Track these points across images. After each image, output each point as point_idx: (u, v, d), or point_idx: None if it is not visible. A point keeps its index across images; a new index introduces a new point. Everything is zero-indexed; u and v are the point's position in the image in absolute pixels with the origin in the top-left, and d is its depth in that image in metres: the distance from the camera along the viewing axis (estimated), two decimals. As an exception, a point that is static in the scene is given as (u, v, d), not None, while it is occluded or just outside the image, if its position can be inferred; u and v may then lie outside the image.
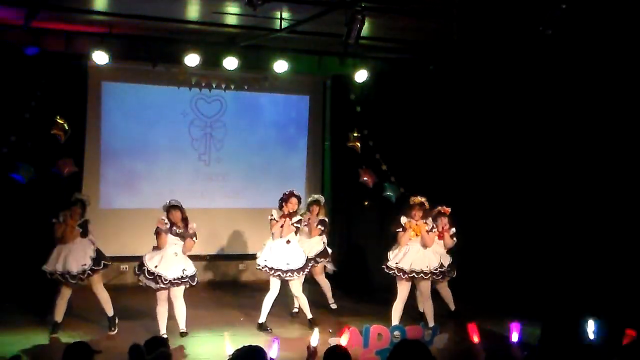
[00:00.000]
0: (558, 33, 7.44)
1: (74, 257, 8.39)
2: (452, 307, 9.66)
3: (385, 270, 8.83)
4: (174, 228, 8.31)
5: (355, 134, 11.49)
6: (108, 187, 11.18)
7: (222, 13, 8.77)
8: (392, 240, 9.08)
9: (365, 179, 11.38)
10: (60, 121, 9.93)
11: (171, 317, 8.35)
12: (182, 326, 8.39)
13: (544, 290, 9.60)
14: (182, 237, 8.32)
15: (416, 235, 8.74)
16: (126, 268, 11.06)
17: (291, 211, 8.85)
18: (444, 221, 9.21)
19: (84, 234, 8.49)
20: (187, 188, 11.28)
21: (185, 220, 8.40)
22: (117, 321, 8.60)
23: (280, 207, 8.90)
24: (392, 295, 10.42)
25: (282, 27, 9.05)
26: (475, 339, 8.24)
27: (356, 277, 11.41)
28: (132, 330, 8.31)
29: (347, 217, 11.76)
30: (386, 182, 11.39)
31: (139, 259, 8.47)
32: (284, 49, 10.37)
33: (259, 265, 8.91)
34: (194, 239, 8.37)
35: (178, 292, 8.33)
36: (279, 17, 8.84)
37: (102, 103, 11.01)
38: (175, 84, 11.00)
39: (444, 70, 11.24)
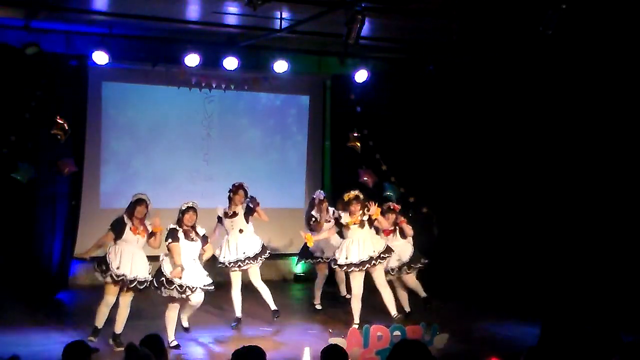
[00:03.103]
0: (558, 33, 7.44)
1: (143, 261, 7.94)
2: (422, 294, 9.35)
3: (339, 269, 8.98)
4: (191, 235, 7.93)
5: (356, 134, 11.49)
6: (108, 187, 11.17)
7: (222, 13, 8.78)
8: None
9: (365, 179, 11.38)
10: (60, 121, 9.92)
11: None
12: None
13: (543, 290, 9.60)
14: (203, 241, 8.04)
15: (358, 224, 8.75)
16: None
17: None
18: (391, 217, 9.12)
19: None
20: (187, 188, 11.26)
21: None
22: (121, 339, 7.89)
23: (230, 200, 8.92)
24: (393, 295, 10.45)
25: (282, 27, 9.06)
26: None
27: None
28: (132, 331, 8.28)
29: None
30: (386, 182, 11.39)
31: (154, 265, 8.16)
32: (284, 49, 10.38)
33: (219, 264, 8.79)
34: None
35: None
36: (279, 17, 8.85)
37: (102, 103, 11.01)
38: (175, 84, 11.01)
39: (444, 70, 11.25)
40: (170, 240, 7.83)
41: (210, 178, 11.70)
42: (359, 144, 11.50)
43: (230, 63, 10.15)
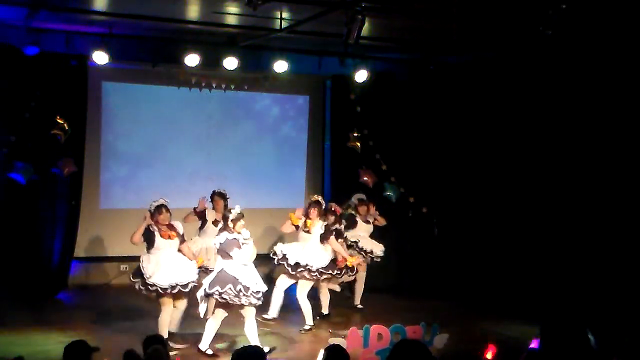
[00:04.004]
0: (558, 33, 7.44)
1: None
2: (325, 310, 9.44)
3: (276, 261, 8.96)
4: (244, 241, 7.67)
5: (355, 134, 11.49)
6: (108, 187, 11.17)
7: (222, 13, 8.77)
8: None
9: (365, 179, 11.38)
10: (60, 121, 9.93)
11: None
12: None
13: (543, 291, 9.60)
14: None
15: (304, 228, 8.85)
16: (126, 268, 11.04)
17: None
18: (330, 219, 9.10)
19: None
20: (187, 188, 11.27)
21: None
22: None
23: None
24: (393, 295, 10.48)
25: (282, 27, 9.05)
26: (489, 356, 7.96)
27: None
28: (132, 331, 8.29)
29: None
30: (386, 182, 11.39)
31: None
32: (284, 49, 10.38)
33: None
34: None
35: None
36: (279, 17, 8.85)
37: (102, 103, 11.01)
38: (175, 84, 11.01)
39: (444, 70, 11.25)
40: (235, 249, 7.54)
41: (210, 178, 11.68)
42: (359, 144, 11.51)
43: (230, 63, 10.14)
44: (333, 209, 9.27)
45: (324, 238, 8.84)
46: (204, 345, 7.64)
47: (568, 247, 9.68)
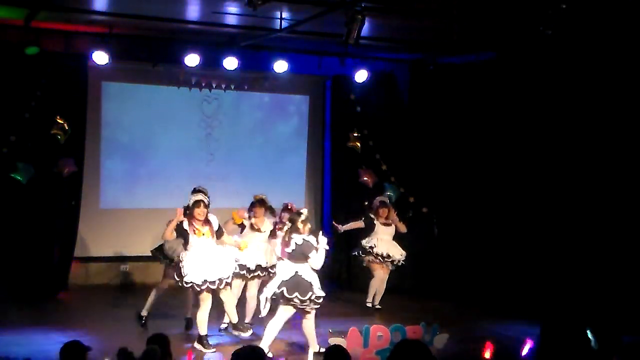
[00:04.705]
0: (558, 33, 7.44)
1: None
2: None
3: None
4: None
5: (355, 134, 11.50)
6: (108, 187, 11.17)
7: (222, 13, 8.78)
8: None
9: (365, 179, 11.39)
10: (60, 121, 9.93)
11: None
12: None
13: (543, 291, 9.60)
14: None
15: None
16: (126, 268, 11.06)
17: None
18: (285, 216, 8.64)
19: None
20: (187, 188, 11.22)
21: None
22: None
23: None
24: (394, 295, 10.42)
25: (282, 27, 9.06)
26: (487, 355, 7.98)
27: (357, 277, 11.41)
28: (132, 331, 8.30)
29: (347, 217, 11.75)
30: (386, 182, 11.40)
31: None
32: (284, 49, 10.38)
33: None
34: None
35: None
36: (279, 17, 8.85)
37: (102, 103, 11.01)
38: (175, 84, 11.01)
39: (444, 71, 11.25)
40: (313, 251, 7.34)
41: (210, 178, 11.66)
42: (359, 144, 11.51)
43: (230, 63, 10.15)
44: (290, 207, 9.09)
45: (273, 236, 8.42)
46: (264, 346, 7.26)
47: (568, 247, 9.68)
